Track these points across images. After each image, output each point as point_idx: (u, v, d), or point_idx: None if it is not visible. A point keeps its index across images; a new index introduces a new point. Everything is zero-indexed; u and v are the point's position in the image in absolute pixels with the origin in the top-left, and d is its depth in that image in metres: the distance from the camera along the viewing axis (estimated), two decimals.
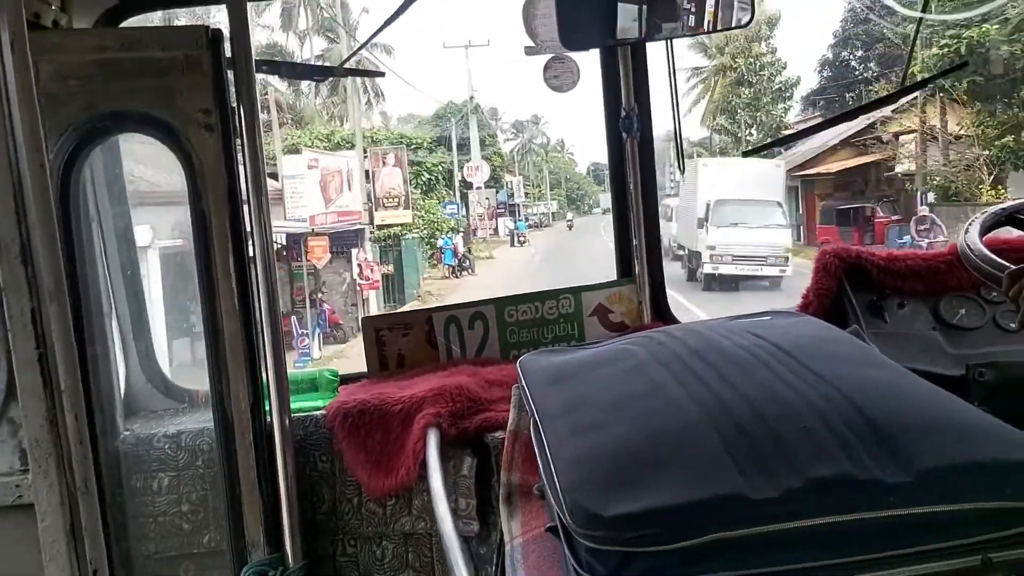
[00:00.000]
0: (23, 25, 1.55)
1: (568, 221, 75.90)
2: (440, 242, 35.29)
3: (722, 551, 1.19)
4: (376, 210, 31.68)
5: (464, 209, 41.74)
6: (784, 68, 48.87)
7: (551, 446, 1.53)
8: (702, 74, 53.93)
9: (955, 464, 1.25)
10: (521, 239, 52.81)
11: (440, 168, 40.58)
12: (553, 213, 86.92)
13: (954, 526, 1.21)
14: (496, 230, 51.01)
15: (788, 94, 48.73)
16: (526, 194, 73.08)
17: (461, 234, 38.51)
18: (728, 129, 51.05)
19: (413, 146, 37.55)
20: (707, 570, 1.19)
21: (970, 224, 1.92)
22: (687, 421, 1.43)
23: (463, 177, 42.37)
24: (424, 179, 38.52)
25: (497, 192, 54.13)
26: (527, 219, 65.33)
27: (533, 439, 1.74)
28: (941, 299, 2.53)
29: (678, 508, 1.21)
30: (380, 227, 31.35)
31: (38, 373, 1.56)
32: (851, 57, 44.07)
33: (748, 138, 47.97)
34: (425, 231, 35.05)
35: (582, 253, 36.80)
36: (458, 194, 41.36)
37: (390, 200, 32.20)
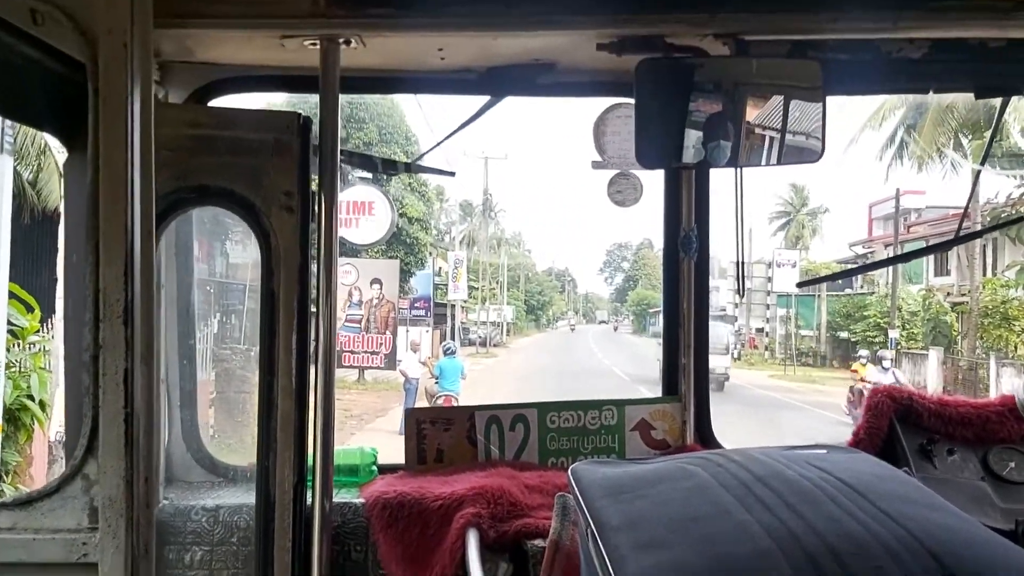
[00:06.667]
0: (151, 103, 1.64)
1: (571, 324, 66.38)
2: None
3: None
4: None
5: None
6: None
7: (612, 560, 1.51)
8: None
9: None
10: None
11: None
12: (509, 325, 60.61)
13: None
14: (390, 355, 24.08)
15: None
16: (471, 288, 45.30)
17: None
18: None
19: None
20: None
21: None
22: (756, 548, 1.41)
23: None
24: None
25: (411, 274, 31.41)
26: (467, 332, 42.15)
27: (587, 552, 1.72)
28: (991, 449, 2.52)
29: None
30: None
31: (122, 432, 1.58)
32: None
33: None
34: None
35: None
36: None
37: None
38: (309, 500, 2.39)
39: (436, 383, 18.74)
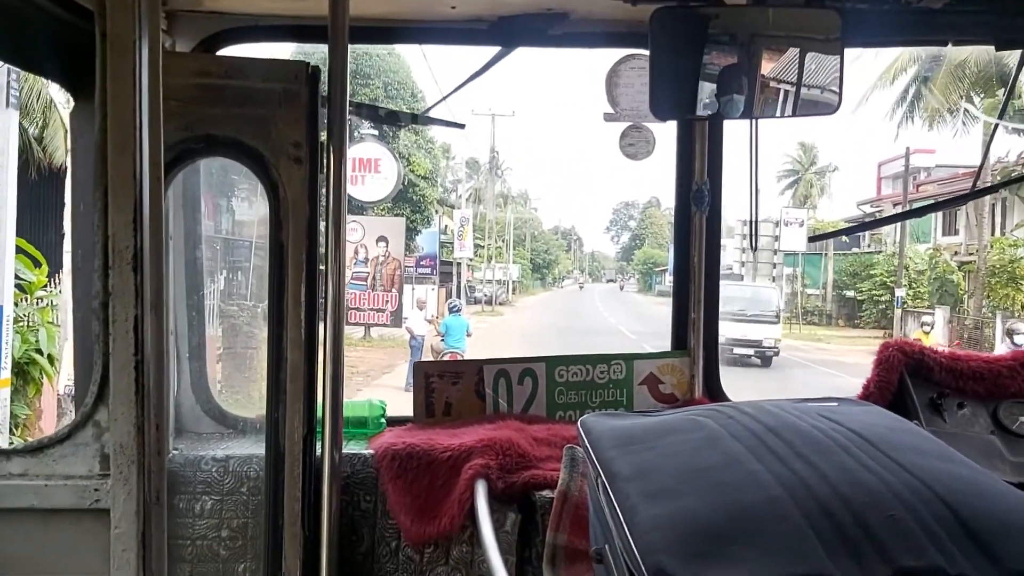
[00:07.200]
0: (159, 48, 1.62)
1: (579, 283, 67.09)
2: None
3: None
4: None
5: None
6: None
7: (623, 510, 1.52)
8: None
9: None
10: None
11: None
12: (515, 283, 60.64)
13: None
14: (396, 312, 23.83)
15: None
16: (477, 246, 45.58)
17: None
18: None
19: None
20: None
21: None
22: (767, 496, 1.41)
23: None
24: None
25: (417, 232, 30.95)
26: (473, 290, 41.96)
27: (597, 501, 1.73)
28: (1001, 404, 2.52)
29: None
30: None
31: (132, 379, 1.59)
32: None
33: None
34: None
35: None
36: None
37: None
38: (318, 451, 2.40)
39: (442, 340, 18.73)
